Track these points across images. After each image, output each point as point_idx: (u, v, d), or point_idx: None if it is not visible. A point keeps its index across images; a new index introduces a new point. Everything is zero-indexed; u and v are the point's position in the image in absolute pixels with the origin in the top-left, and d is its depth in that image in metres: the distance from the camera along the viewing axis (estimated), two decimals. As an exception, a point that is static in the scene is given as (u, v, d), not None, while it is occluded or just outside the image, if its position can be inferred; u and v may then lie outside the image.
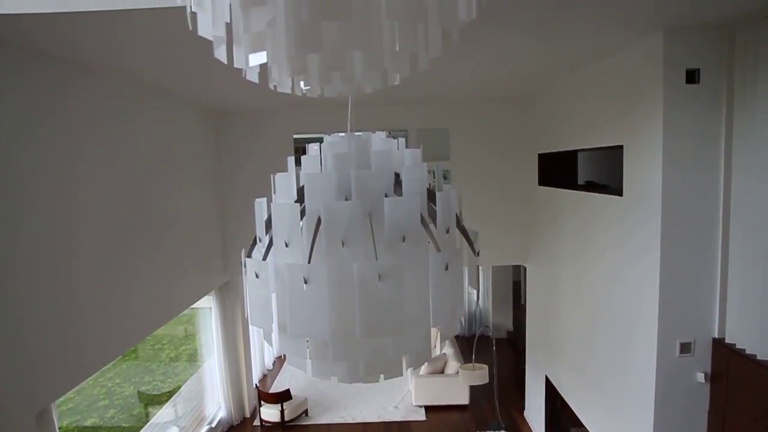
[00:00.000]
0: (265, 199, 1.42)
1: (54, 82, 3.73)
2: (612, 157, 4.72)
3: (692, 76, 3.65)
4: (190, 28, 1.10)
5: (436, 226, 1.33)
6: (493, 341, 7.73)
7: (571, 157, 5.96)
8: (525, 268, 7.98)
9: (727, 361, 3.66)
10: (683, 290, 3.81)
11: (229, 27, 1.09)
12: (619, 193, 4.43)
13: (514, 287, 11.84)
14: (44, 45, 3.39)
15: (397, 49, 1.11)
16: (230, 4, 1.06)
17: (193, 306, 6.81)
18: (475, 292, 12.14)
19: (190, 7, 1.07)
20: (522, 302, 10.65)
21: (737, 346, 3.57)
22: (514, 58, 4.56)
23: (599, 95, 4.84)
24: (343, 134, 1.49)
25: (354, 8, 0.94)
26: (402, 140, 1.53)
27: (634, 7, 3.20)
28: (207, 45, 1.18)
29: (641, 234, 4.06)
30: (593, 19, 3.45)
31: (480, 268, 11.31)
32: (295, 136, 7.22)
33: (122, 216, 4.64)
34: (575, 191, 5.59)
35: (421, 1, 1.00)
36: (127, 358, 9.88)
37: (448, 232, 1.32)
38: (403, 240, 1.21)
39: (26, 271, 3.42)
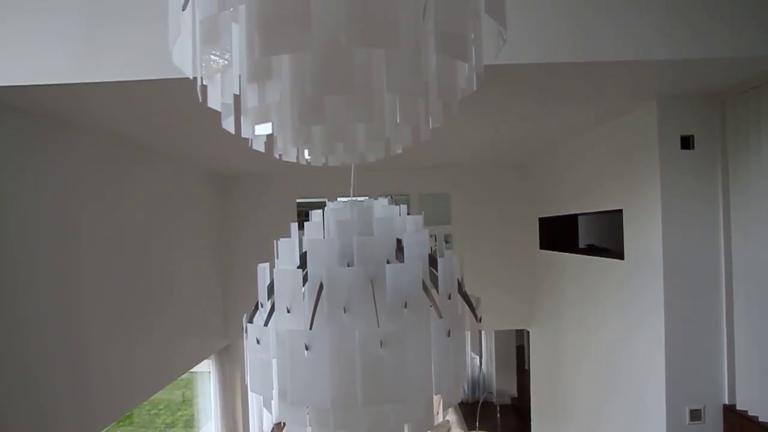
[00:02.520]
0: (267, 264, 1.43)
1: (55, 144, 3.80)
2: (612, 221, 4.75)
3: (687, 142, 3.74)
4: (200, 101, 1.15)
5: (438, 291, 1.33)
6: (497, 407, 7.55)
7: (571, 220, 6.00)
8: (528, 333, 7.88)
9: (740, 429, 3.55)
10: (690, 355, 3.75)
11: (237, 99, 1.14)
12: (621, 256, 4.43)
13: (517, 351, 11.64)
14: (48, 110, 3.50)
15: (398, 121, 1.16)
16: (240, 76, 1.10)
17: (192, 370, 6.69)
18: (477, 357, 11.94)
19: (201, 80, 1.11)
20: (526, 367, 10.43)
21: (749, 413, 3.48)
22: (513, 125, 4.68)
23: (597, 160, 4.92)
24: (346, 199, 1.52)
25: (355, 83, 0.98)
26: (404, 207, 1.56)
27: (625, 78, 3.31)
28: (210, 114, 1.22)
29: (644, 298, 4.04)
30: (587, 89, 3.56)
31: (483, 332, 11.16)
32: (298, 200, 7.30)
33: (123, 277, 4.63)
34: (576, 255, 5.59)
35: (420, 76, 1.05)
36: (121, 423, 9.59)
37: (449, 297, 1.32)
38: (405, 306, 1.22)
39: (27, 336, 3.40)
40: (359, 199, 1.57)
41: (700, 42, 2.88)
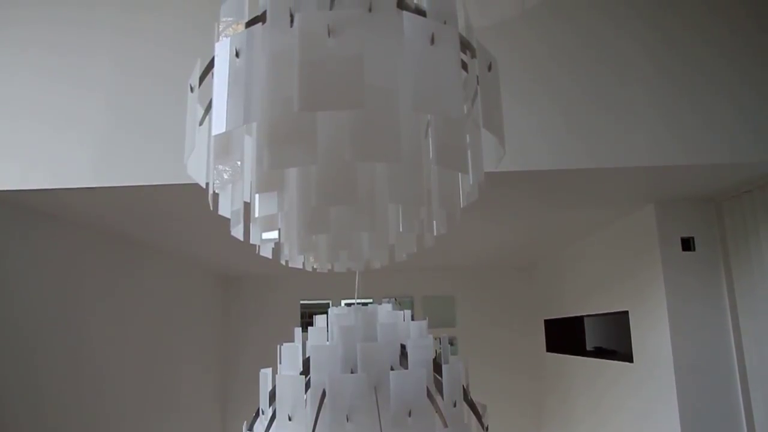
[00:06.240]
0: (270, 369, 1.42)
1: (60, 243, 3.85)
2: (618, 322, 4.69)
3: (688, 244, 3.77)
4: (212, 209, 1.19)
5: (443, 398, 1.31)
6: None
7: (578, 322, 5.92)
8: (539, 441, 7.55)
9: None
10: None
11: (246, 206, 1.18)
12: (629, 359, 4.34)
13: (529, 462, 11.06)
14: (63, 213, 3.59)
15: (401, 230, 1.19)
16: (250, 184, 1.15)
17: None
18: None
19: (213, 188, 1.16)
20: (538, 479, 9.87)
21: None
22: (515, 229, 4.75)
23: (601, 262, 4.94)
24: (350, 301, 1.53)
25: (359, 194, 1.02)
26: (408, 312, 1.56)
27: (623, 183, 3.40)
28: (217, 218, 1.26)
29: (659, 406, 3.89)
30: (586, 194, 3.65)
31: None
32: (302, 302, 7.27)
33: (123, 378, 4.53)
34: (584, 358, 5.47)
35: (421, 186, 1.09)
36: None
37: (455, 405, 1.30)
38: (410, 414, 1.19)
39: None
40: (364, 301, 1.58)
41: (695, 148, 2.98)
